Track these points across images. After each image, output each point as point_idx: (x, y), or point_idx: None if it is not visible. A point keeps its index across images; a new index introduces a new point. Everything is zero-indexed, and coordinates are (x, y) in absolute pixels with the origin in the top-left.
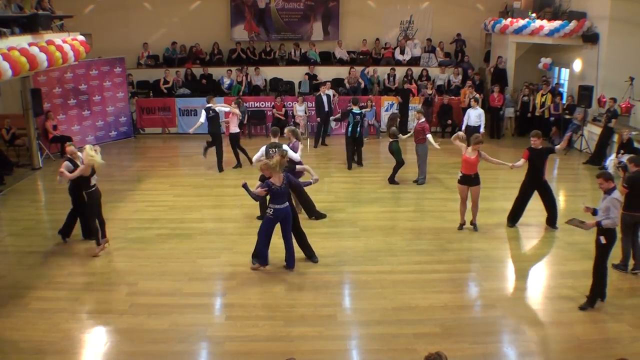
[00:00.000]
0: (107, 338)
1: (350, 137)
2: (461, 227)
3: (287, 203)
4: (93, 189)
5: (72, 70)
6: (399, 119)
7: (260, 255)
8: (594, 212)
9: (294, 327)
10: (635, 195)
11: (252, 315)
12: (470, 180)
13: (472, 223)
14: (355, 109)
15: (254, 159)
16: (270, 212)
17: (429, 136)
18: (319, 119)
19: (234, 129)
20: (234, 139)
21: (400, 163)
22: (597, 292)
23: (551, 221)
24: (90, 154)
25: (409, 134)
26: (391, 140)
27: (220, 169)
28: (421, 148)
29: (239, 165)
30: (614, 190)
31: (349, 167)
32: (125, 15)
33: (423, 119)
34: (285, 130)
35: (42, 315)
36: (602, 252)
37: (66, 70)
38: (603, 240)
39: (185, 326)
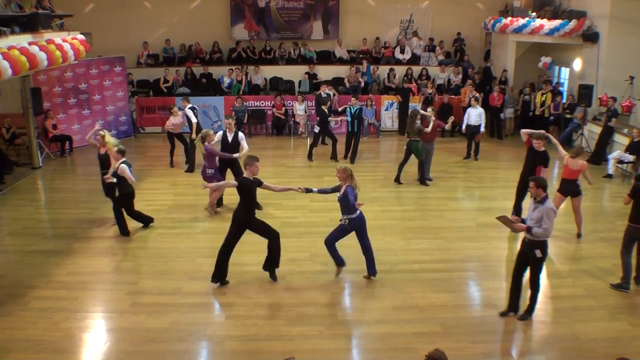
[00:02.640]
0: (107, 337)
1: (349, 133)
2: None
3: (359, 211)
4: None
5: (72, 70)
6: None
7: (337, 259)
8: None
9: (294, 326)
10: (636, 204)
11: (252, 315)
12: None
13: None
14: (353, 105)
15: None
16: (346, 222)
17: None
18: (319, 118)
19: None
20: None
21: (423, 162)
22: (534, 304)
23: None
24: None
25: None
26: (412, 139)
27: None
28: (432, 146)
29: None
30: (546, 199)
31: (345, 157)
32: (125, 14)
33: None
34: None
35: (42, 314)
36: (537, 266)
37: (66, 70)
38: (539, 253)
39: (186, 325)
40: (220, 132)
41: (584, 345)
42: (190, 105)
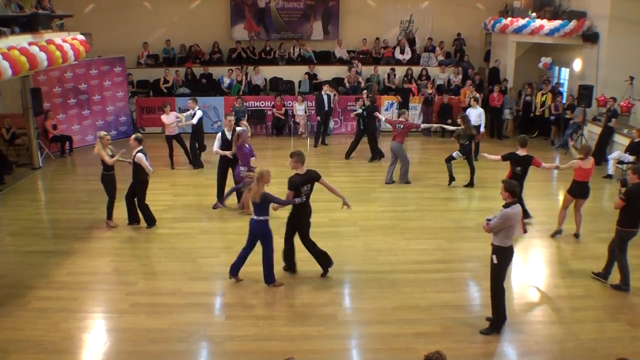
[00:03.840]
0: (107, 337)
1: (360, 130)
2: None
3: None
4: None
5: (72, 70)
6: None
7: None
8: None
9: (294, 327)
10: (633, 209)
11: (252, 315)
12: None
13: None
14: (357, 108)
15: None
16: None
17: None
18: (319, 118)
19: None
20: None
21: (474, 168)
22: (500, 315)
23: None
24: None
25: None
26: (465, 142)
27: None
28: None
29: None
30: (512, 205)
31: (347, 157)
32: (125, 14)
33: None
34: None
35: (42, 315)
36: (493, 272)
37: (66, 70)
38: (495, 259)
39: (186, 325)
40: (219, 133)
41: (583, 345)
42: (197, 108)
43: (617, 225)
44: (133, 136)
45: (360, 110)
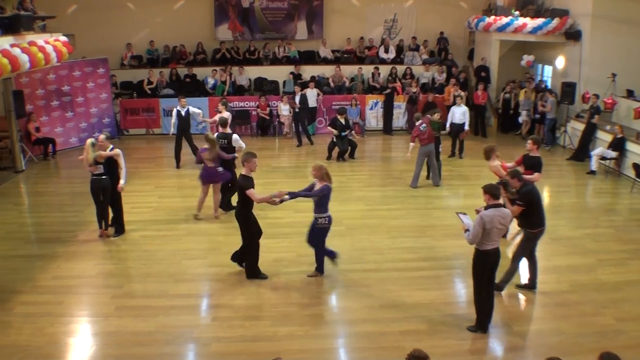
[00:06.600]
0: (93, 341)
1: (337, 141)
2: None
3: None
4: (92, 177)
5: (55, 72)
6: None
7: (322, 265)
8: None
9: (281, 327)
10: (533, 211)
11: (239, 316)
12: None
13: None
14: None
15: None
16: (326, 221)
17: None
18: (297, 110)
19: None
20: None
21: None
22: (483, 316)
23: None
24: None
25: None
26: (436, 134)
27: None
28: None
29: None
30: (492, 208)
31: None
32: (108, 15)
33: None
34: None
35: (27, 320)
36: (473, 274)
37: (49, 72)
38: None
39: (172, 328)
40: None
41: (569, 340)
42: (186, 108)
43: (527, 229)
44: (102, 135)
45: (336, 132)
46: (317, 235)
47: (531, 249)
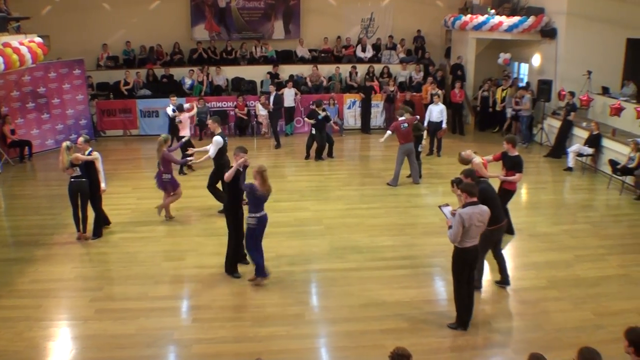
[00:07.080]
0: (73, 345)
1: (316, 134)
2: None
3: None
4: (70, 180)
5: (30, 73)
6: None
7: (261, 269)
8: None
9: (262, 327)
10: (489, 208)
11: (219, 317)
12: None
13: None
14: (320, 113)
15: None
16: (254, 222)
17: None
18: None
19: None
20: None
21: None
22: (463, 313)
23: None
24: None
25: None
26: (417, 134)
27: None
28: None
29: None
30: (470, 206)
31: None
32: (83, 16)
33: None
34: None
35: (5, 324)
36: (452, 272)
37: (24, 73)
38: (452, 261)
39: (152, 330)
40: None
41: (548, 335)
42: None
43: (486, 226)
44: (81, 138)
45: (313, 121)
46: (247, 236)
47: (494, 246)
